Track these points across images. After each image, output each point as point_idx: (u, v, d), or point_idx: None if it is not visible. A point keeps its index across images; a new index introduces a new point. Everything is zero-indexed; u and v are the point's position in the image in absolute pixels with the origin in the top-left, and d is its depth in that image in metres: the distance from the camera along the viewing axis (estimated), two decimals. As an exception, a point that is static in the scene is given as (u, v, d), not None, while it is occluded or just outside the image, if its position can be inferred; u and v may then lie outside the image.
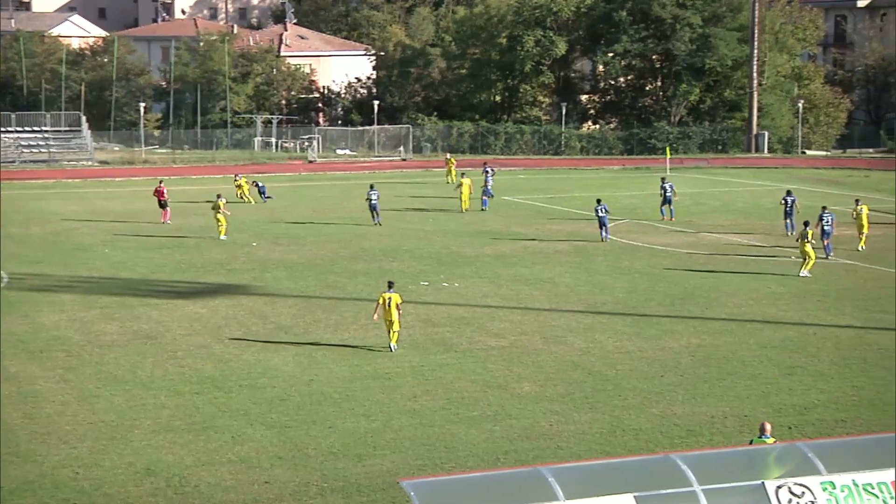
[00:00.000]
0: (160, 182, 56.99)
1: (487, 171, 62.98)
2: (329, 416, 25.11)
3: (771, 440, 19.64)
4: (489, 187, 60.78)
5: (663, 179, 56.93)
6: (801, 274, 40.64)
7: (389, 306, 30.03)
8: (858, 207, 46.77)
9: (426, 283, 39.61)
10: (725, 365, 29.35)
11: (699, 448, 22.55)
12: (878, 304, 36.47)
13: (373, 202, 53.97)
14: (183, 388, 27.10)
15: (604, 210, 49.12)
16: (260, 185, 62.85)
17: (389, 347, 30.36)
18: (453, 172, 70.29)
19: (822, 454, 17.66)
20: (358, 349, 30.66)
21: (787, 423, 24.52)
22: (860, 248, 45.94)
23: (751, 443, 19.61)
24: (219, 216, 49.01)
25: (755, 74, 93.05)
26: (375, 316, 30.64)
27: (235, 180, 63.66)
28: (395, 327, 30.33)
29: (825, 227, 44.63)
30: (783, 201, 50.76)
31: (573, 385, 27.53)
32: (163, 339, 31.69)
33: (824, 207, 46.17)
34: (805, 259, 40.91)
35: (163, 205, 54.53)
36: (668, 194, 55.26)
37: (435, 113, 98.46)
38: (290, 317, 34.53)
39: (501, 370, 28.79)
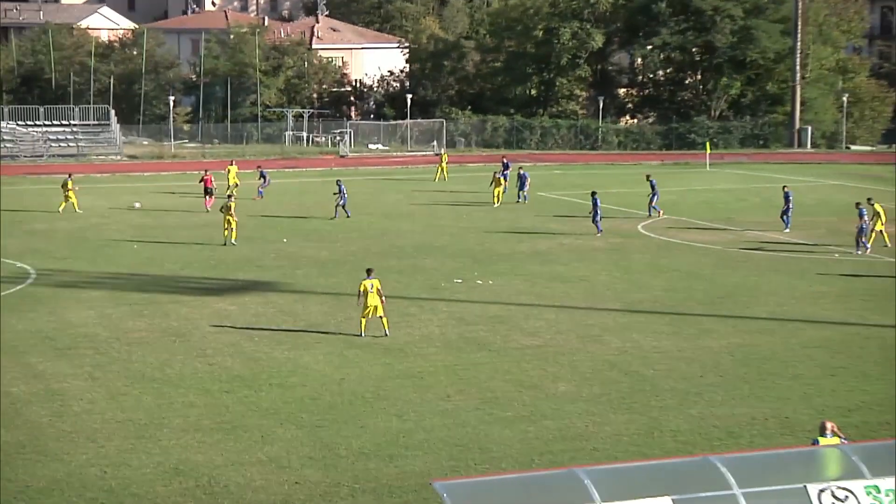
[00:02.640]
0: (205, 171, 58.85)
1: (504, 167, 63.51)
2: (360, 416, 25.17)
3: (835, 439, 19.48)
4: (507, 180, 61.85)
5: (648, 176, 56.63)
6: None
7: (371, 292, 31.00)
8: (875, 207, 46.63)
9: (459, 281, 39.63)
10: (766, 365, 29.22)
11: (739, 450, 22.44)
12: (925, 303, 36.19)
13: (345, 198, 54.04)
14: (212, 387, 27.23)
15: (597, 204, 49.42)
16: (264, 174, 62.31)
17: (361, 334, 31.26)
18: (445, 169, 70.66)
19: (866, 457, 17.55)
20: (390, 347, 30.70)
21: (830, 426, 24.36)
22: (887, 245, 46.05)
23: (814, 443, 19.49)
24: (229, 218, 46.30)
25: (798, 67, 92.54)
26: (359, 302, 31.36)
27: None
28: (380, 312, 31.12)
29: (864, 225, 45.08)
30: (785, 197, 50.89)
31: (609, 385, 27.48)
32: (192, 337, 31.85)
33: (858, 204, 46.41)
34: None
35: (209, 192, 56.98)
36: (655, 191, 54.85)
37: (469, 107, 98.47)
38: (321, 314, 34.62)
39: (536, 370, 28.77)
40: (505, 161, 64.88)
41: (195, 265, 42.72)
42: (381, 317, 31.24)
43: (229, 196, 48.25)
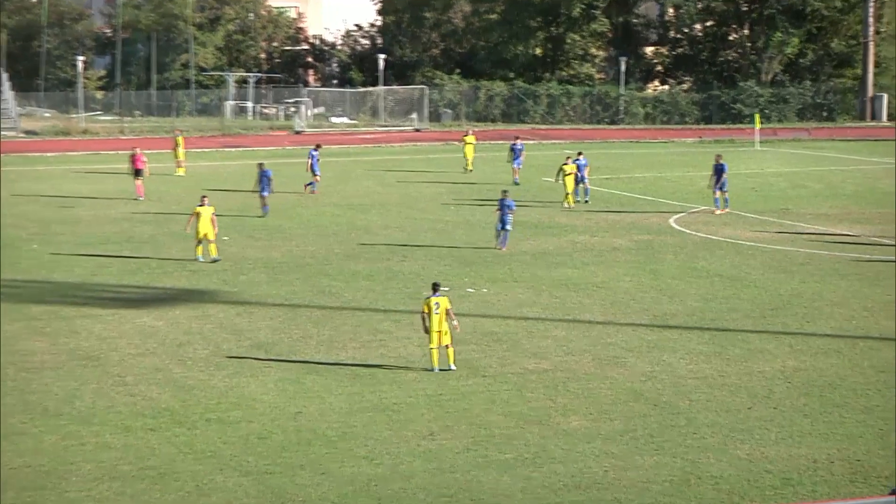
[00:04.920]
0: (134, 148, 59.46)
1: (517, 149, 63.57)
2: (321, 459, 25.17)
3: None
4: (518, 166, 62.35)
5: (718, 158, 55.63)
6: None
7: (437, 314, 30.45)
8: None
9: (446, 289, 39.61)
10: (831, 394, 29.30)
11: (798, 501, 22.48)
12: None
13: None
14: (133, 424, 27.19)
15: (510, 205, 46.48)
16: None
17: (432, 369, 30.67)
18: (471, 154, 69.18)
19: (957, 510, 17.61)
20: (359, 373, 30.71)
21: (912, 470, 24.48)
22: None
23: (893, 492, 19.52)
24: (205, 223, 43.39)
25: (871, 20, 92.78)
26: (425, 327, 30.89)
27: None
28: (447, 340, 30.62)
29: None
30: None
31: (634, 420, 27.53)
32: (107, 361, 31.79)
33: None
34: None
35: (139, 174, 57.76)
36: (723, 177, 54.30)
37: (457, 70, 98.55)
38: (270, 331, 34.61)
39: (542, 400, 28.80)
40: (518, 144, 64.59)
41: (112, 270, 42.65)
42: (446, 346, 30.87)
43: (204, 197, 44.61)
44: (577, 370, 31.13)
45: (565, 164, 57.01)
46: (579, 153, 59.93)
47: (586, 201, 57.19)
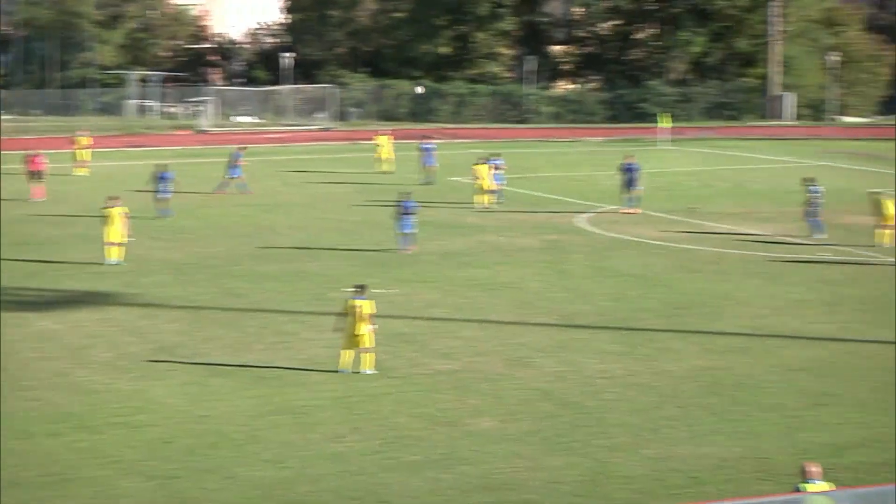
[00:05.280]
0: (28, 152, 59.10)
1: (428, 149, 63.68)
2: (227, 463, 25.05)
3: (824, 485, 19.69)
4: (431, 165, 62.24)
5: (628, 158, 55.61)
6: None
7: (357, 317, 30.31)
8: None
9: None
10: (738, 393, 29.58)
11: (705, 500, 22.69)
12: (933, 313, 36.90)
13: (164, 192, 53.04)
14: (34, 429, 26.91)
15: (411, 207, 45.99)
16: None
17: (340, 370, 30.56)
18: (389, 154, 69.14)
19: (863, 506, 17.83)
20: (265, 376, 30.60)
21: (818, 468, 24.73)
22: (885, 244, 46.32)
23: (796, 490, 19.69)
24: (112, 228, 42.92)
25: (776, 19, 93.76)
26: (336, 326, 30.87)
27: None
28: (367, 343, 30.52)
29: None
30: (808, 193, 49.08)
31: (543, 420, 27.65)
32: (7, 365, 31.43)
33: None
34: None
35: (37, 177, 57.23)
36: (634, 178, 54.51)
37: (364, 69, 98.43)
38: (175, 334, 34.40)
39: (451, 401, 28.85)
40: (428, 143, 64.68)
41: (11, 273, 42.15)
42: (364, 350, 30.66)
43: (113, 198, 44.20)
44: (486, 371, 31.20)
45: (477, 164, 57.00)
46: (495, 154, 59.91)
47: (498, 202, 57.05)
